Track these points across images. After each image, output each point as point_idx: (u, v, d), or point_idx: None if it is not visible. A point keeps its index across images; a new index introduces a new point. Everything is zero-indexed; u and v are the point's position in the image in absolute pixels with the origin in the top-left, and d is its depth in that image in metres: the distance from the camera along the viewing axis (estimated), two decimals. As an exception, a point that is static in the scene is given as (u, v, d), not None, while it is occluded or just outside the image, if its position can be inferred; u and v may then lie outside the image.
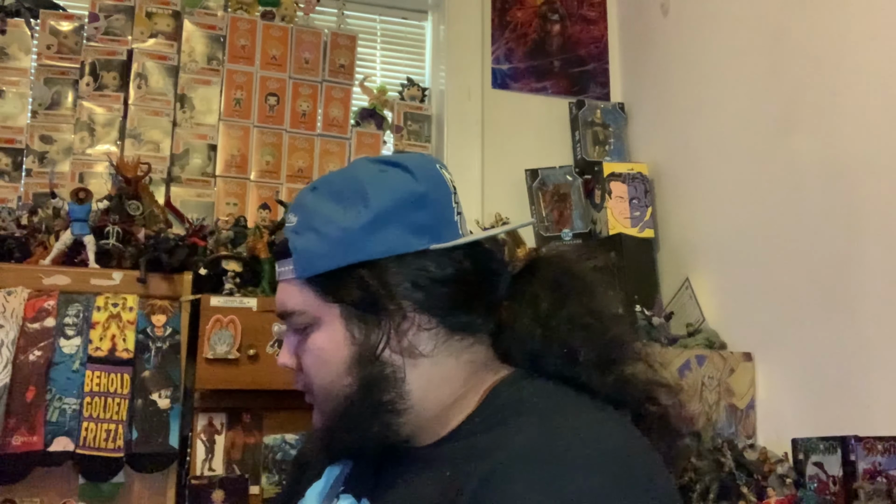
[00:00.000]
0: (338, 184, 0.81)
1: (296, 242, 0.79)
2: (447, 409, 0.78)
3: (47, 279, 1.61)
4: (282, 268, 0.82)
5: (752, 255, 1.88)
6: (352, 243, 0.76)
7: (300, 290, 0.80)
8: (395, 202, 0.77)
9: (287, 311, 0.81)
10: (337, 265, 0.77)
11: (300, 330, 0.81)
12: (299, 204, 0.82)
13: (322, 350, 0.79)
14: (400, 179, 0.79)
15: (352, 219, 0.77)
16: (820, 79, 1.71)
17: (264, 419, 1.67)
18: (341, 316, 0.78)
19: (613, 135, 2.47)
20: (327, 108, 2.36)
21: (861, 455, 1.39)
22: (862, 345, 1.55)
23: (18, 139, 2.12)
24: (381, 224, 0.76)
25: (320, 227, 0.78)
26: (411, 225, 0.77)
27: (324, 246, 0.77)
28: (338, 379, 0.78)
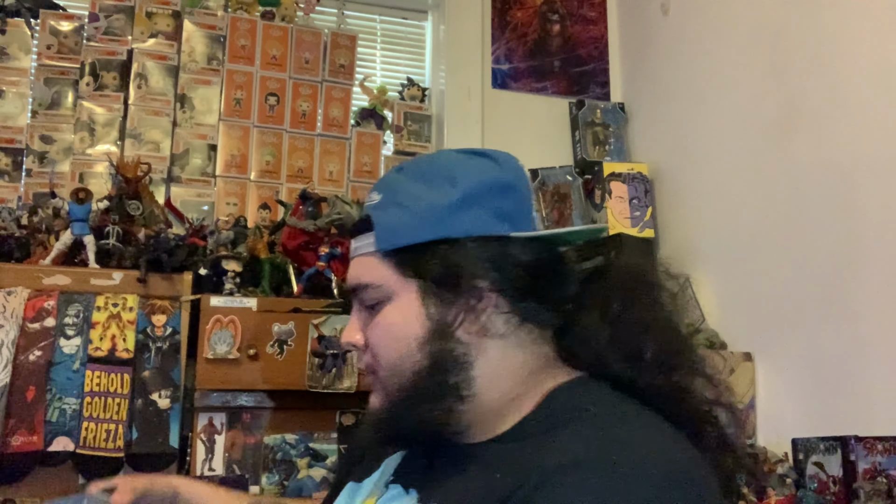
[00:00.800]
0: (425, 166, 0.83)
1: (379, 217, 0.80)
2: (506, 405, 0.78)
3: (47, 279, 1.61)
4: (359, 242, 0.81)
5: (752, 255, 1.88)
6: (437, 219, 0.77)
7: (378, 264, 0.79)
8: (482, 186, 0.78)
9: (361, 285, 0.80)
10: (420, 239, 0.77)
11: (370, 306, 0.80)
12: (384, 183, 0.83)
13: (394, 325, 0.78)
14: (487, 166, 0.81)
15: (439, 196, 0.77)
16: (820, 79, 1.71)
17: (264, 419, 1.67)
18: (418, 291, 0.77)
19: (613, 135, 2.47)
20: (327, 108, 2.36)
21: (861, 455, 1.39)
22: (862, 345, 1.55)
23: (18, 139, 2.12)
24: (467, 204, 0.77)
25: (406, 202, 0.78)
26: (495, 210, 0.78)
27: (409, 220, 0.77)
28: (408, 355, 0.76)
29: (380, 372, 0.80)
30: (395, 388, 0.77)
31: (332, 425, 1.70)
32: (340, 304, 1.71)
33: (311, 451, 1.67)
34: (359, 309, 0.82)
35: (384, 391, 0.80)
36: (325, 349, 1.66)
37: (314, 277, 1.75)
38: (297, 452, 1.66)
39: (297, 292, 1.74)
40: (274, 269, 1.79)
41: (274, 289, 1.77)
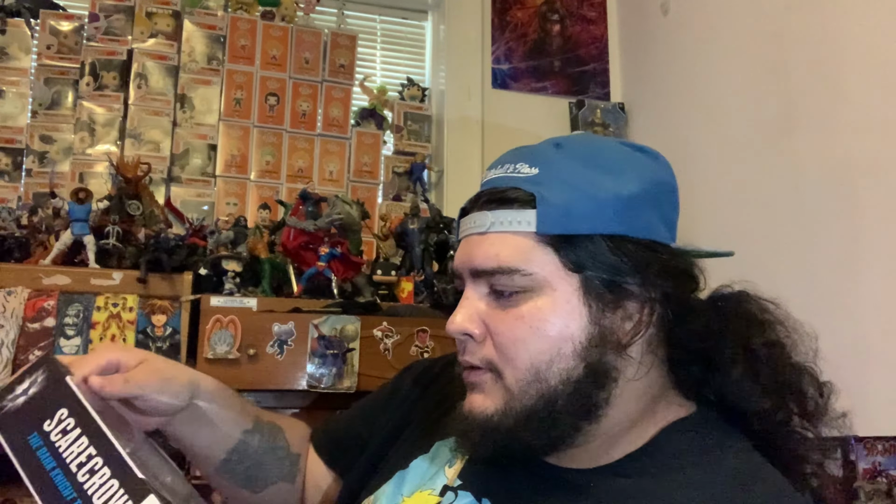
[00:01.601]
0: (588, 150, 0.72)
1: (546, 193, 0.67)
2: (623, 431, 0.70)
3: (47, 279, 1.61)
4: (506, 217, 0.68)
5: (753, 255, 1.87)
6: (616, 211, 0.66)
7: (534, 247, 0.67)
8: (656, 186, 0.70)
9: (504, 268, 0.68)
10: (600, 230, 0.66)
11: (503, 293, 0.68)
12: (540, 155, 0.71)
13: (546, 322, 0.66)
14: (654, 164, 0.73)
15: (618, 187, 0.67)
16: (820, 79, 1.71)
17: (264, 419, 1.67)
18: (581, 289, 0.67)
19: (613, 135, 2.47)
20: (327, 108, 2.36)
21: (861, 455, 1.39)
22: (862, 345, 1.55)
23: (18, 139, 2.12)
24: (644, 201, 0.68)
25: (582, 185, 0.67)
26: (663, 215, 0.70)
27: (585, 205, 0.66)
28: (559, 359, 0.66)
29: (510, 372, 0.68)
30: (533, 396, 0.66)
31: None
32: (340, 304, 1.71)
33: (311, 451, 1.67)
34: (480, 295, 0.70)
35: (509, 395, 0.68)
36: (325, 349, 1.66)
37: (314, 277, 1.75)
38: (297, 452, 1.66)
39: (297, 292, 1.74)
40: (274, 269, 1.79)
41: (274, 289, 1.77)
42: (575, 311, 0.67)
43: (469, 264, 0.71)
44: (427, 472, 0.77)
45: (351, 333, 1.68)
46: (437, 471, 0.76)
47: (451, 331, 0.71)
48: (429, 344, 1.65)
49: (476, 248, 0.70)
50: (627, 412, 0.69)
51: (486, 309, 0.70)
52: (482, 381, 0.70)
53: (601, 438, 0.69)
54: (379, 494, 0.79)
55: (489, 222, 0.69)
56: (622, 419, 0.69)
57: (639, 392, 0.70)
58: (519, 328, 0.67)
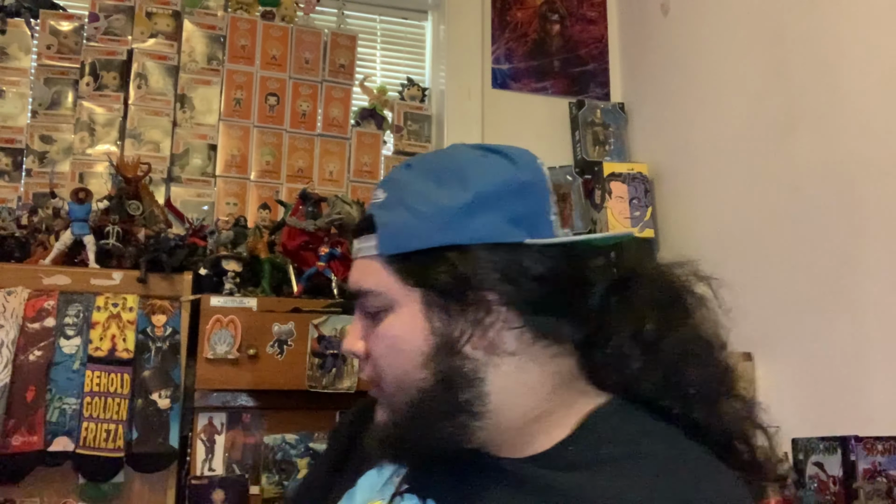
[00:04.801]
0: (435, 164, 0.77)
1: (383, 217, 0.74)
2: (530, 423, 0.73)
3: (47, 279, 1.61)
4: (362, 244, 0.75)
5: (753, 255, 1.88)
6: (447, 223, 0.71)
7: (380, 269, 0.73)
8: (496, 187, 0.72)
9: (362, 291, 0.74)
10: (428, 244, 0.71)
11: (372, 314, 0.74)
12: (391, 180, 0.77)
13: (397, 338, 0.72)
14: (501, 166, 0.74)
15: (449, 198, 0.71)
16: (820, 79, 1.71)
17: (264, 419, 1.67)
18: (422, 302, 0.71)
19: (613, 135, 2.47)
20: (327, 108, 2.36)
21: (861, 455, 1.39)
22: (862, 345, 1.55)
23: (18, 139, 2.12)
24: (479, 208, 0.71)
25: (414, 203, 0.72)
26: (509, 214, 0.72)
27: (416, 223, 0.71)
28: (412, 371, 0.71)
29: (383, 386, 0.74)
30: (402, 405, 0.72)
31: (332, 425, 1.69)
32: (340, 304, 1.71)
33: (310, 451, 1.67)
34: (361, 315, 0.77)
35: (389, 406, 0.74)
36: (325, 349, 1.66)
37: (314, 277, 1.75)
38: (297, 452, 1.66)
39: (297, 292, 1.74)
40: (274, 269, 1.79)
41: (274, 289, 1.77)
42: (419, 325, 0.71)
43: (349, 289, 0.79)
44: (376, 484, 0.79)
45: (351, 333, 1.68)
46: (386, 481, 0.78)
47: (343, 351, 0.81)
48: (429, 344, 1.65)
49: (350, 273, 0.78)
50: (527, 404, 0.73)
51: (365, 328, 0.76)
52: (376, 395, 0.77)
53: (512, 430, 0.73)
54: None
55: (356, 249, 0.77)
56: (525, 411, 0.73)
57: (532, 384, 0.73)
58: (381, 346, 0.74)
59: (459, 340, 0.71)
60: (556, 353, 0.74)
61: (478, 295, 0.71)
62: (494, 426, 0.72)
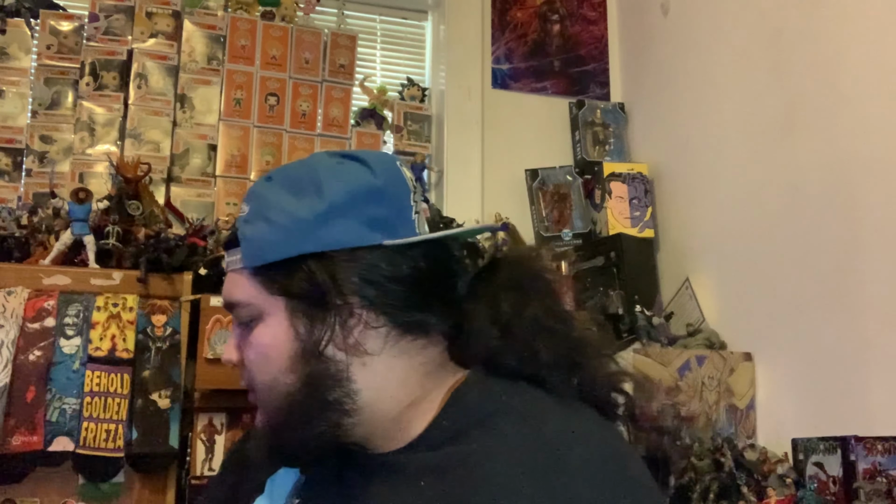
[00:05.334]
0: (294, 174, 0.78)
1: (245, 231, 0.77)
2: (404, 411, 0.76)
3: (47, 279, 1.61)
4: (230, 257, 0.78)
5: (752, 255, 1.88)
6: (303, 233, 0.73)
7: (247, 281, 0.76)
8: (351, 194, 0.74)
9: (232, 303, 0.78)
10: (285, 255, 0.74)
11: (245, 324, 0.77)
12: (253, 193, 0.79)
13: (264, 345, 0.75)
14: (357, 172, 0.76)
15: (305, 208, 0.74)
16: (820, 79, 1.71)
17: (264, 419, 1.67)
18: (286, 309, 0.74)
19: (613, 135, 2.47)
20: (327, 108, 2.36)
21: (861, 455, 1.39)
22: (862, 345, 1.55)
23: (18, 139, 2.12)
24: (334, 215, 0.74)
25: (272, 215, 0.75)
26: (366, 219, 0.74)
27: (274, 234, 0.74)
28: (280, 376, 0.74)
29: (257, 391, 0.78)
30: (274, 409, 0.75)
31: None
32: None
33: (311, 451, 1.67)
34: (236, 325, 0.79)
35: (264, 410, 0.78)
36: (324, 349, 1.66)
37: (314, 277, 1.75)
38: (297, 452, 1.66)
39: (297, 292, 1.73)
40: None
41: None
42: (283, 332, 0.74)
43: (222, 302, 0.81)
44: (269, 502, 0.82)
45: (351, 333, 1.68)
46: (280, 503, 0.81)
47: (223, 361, 0.81)
48: (429, 344, 1.65)
49: (223, 286, 0.80)
50: (399, 396, 0.75)
51: (239, 338, 0.79)
52: (253, 402, 0.79)
53: (388, 421, 0.75)
54: None
55: (226, 262, 0.80)
56: (397, 402, 0.75)
57: (399, 377, 0.75)
58: (252, 353, 0.76)
59: (321, 344, 0.73)
60: (425, 345, 0.77)
61: (338, 299, 0.73)
62: (369, 420, 0.74)
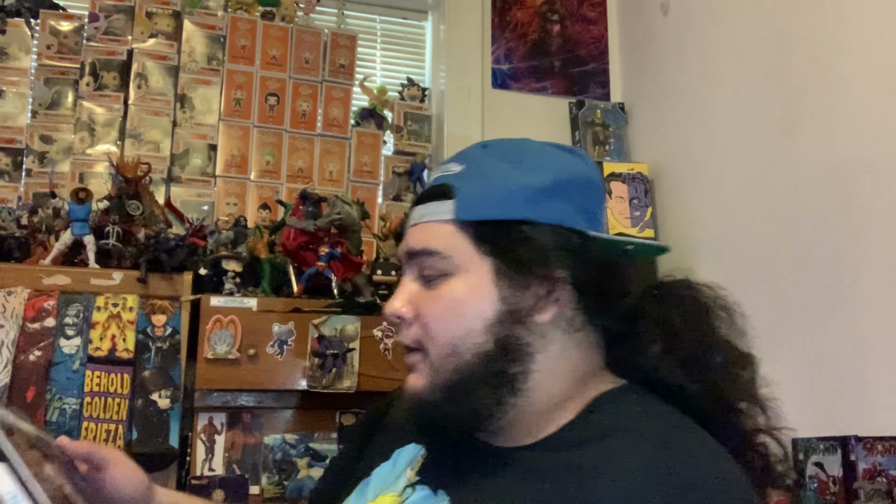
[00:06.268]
0: (512, 149, 0.79)
1: (460, 186, 0.75)
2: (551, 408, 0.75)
3: (47, 279, 1.61)
4: (432, 209, 0.77)
5: (752, 255, 1.88)
6: (525, 200, 0.74)
7: (453, 233, 0.75)
8: (571, 178, 0.76)
9: (427, 250, 0.75)
10: (507, 216, 0.73)
11: (427, 276, 0.76)
12: (466, 155, 0.79)
13: (459, 301, 0.73)
14: (575, 161, 0.79)
15: (531, 177, 0.75)
16: (820, 79, 1.71)
17: (264, 419, 1.67)
18: (492, 270, 0.73)
19: (613, 135, 2.47)
20: (327, 108, 2.36)
21: (861, 455, 1.39)
22: (862, 345, 1.55)
23: (18, 139, 2.12)
24: (557, 192, 0.74)
25: (495, 177, 0.75)
26: (579, 205, 0.76)
27: (496, 194, 0.74)
28: (470, 335, 0.72)
29: (432, 349, 0.74)
30: (451, 370, 0.73)
31: (332, 425, 1.70)
32: (340, 304, 1.71)
33: (311, 451, 1.67)
34: (412, 278, 0.78)
35: (433, 371, 0.75)
36: (325, 349, 1.66)
37: (314, 277, 1.75)
38: (297, 452, 1.66)
39: (297, 292, 1.74)
40: (274, 269, 1.79)
41: (274, 289, 1.77)
42: (486, 290, 0.73)
43: (403, 249, 0.80)
44: (389, 476, 0.81)
45: (351, 333, 1.68)
46: (399, 474, 0.80)
47: (385, 314, 0.78)
48: (429, 344, 1.65)
49: (408, 237, 0.79)
50: (555, 389, 0.75)
51: (416, 292, 0.77)
52: (414, 361, 0.77)
53: (533, 415, 0.74)
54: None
55: (420, 213, 0.78)
56: (551, 396, 0.75)
57: (565, 370, 0.75)
58: (439, 307, 0.74)
59: (524, 310, 0.73)
60: (593, 342, 0.77)
61: (546, 271, 0.73)
62: (522, 407, 0.74)
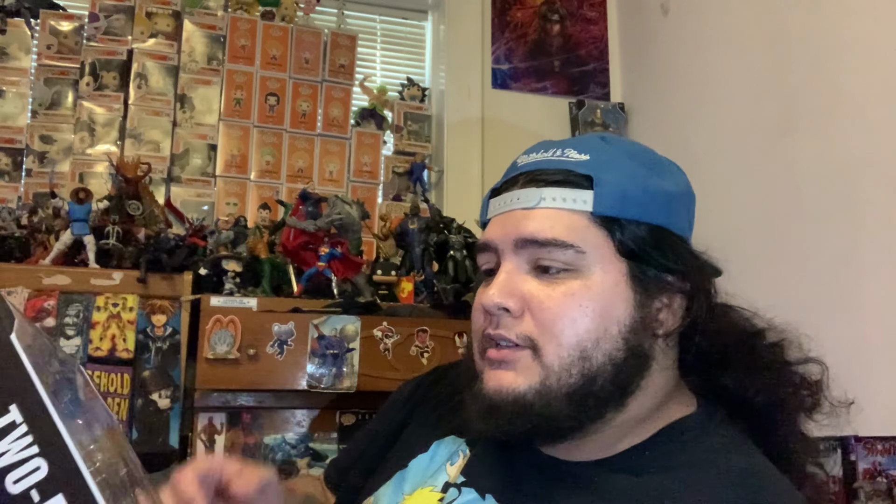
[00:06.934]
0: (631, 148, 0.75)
1: (603, 176, 0.68)
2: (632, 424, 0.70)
3: (47, 279, 1.61)
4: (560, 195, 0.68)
5: (752, 255, 1.87)
6: (667, 205, 0.70)
7: (588, 226, 0.68)
8: (686, 191, 0.75)
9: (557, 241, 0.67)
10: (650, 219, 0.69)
11: (548, 269, 0.68)
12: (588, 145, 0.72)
13: (596, 302, 0.66)
14: (682, 174, 0.77)
15: (666, 184, 0.71)
16: (820, 79, 1.71)
17: (264, 419, 1.67)
18: (629, 273, 0.68)
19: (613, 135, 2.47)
20: (327, 108, 2.36)
21: (861, 455, 1.39)
22: (862, 345, 1.55)
23: (18, 139, 2.12)
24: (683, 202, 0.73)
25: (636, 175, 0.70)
26: (690, 217, 0.75)
27: (643, 194, 0.69)
28: (605, 340, 0.66)
29: (552, 349, 0.66)
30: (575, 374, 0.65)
31: (333, 425, 1.70)
32: (340, 304, 1.71)
33: (311, 451, 1.67)
34: (521, 269, 0.69)
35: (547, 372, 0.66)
36: (325, 349, 1.66)
37: (314, 277, 1.75)
38: (297, 452, 1.66)
39: (297, 292, 1.73)
40: (274, 269, 1.79)
41: (274, 289, 1.77)
42: (622, 294, 0.67)
43: (516, 235, 0.69)
44: (427, 469, 0.77)
45: (351, 333, 1.68)
46: (438, 468, 0.76)
47: (487, 304, 0.68)
48: (429, 344, 1.65)
49: (524, 221, 0.69)
50: (647, 405, 0.70)
51: (527, 284, 0.68)
52: (516, 359, 0.67)
53: (614, 430, 0.69)
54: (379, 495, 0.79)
55: (539, 198, 0.69)
56: (640, 412, 0.70)
57: (660, 385, 0.71)
58: (567, 305, 0.66)
59: (655, 322, 0.69)
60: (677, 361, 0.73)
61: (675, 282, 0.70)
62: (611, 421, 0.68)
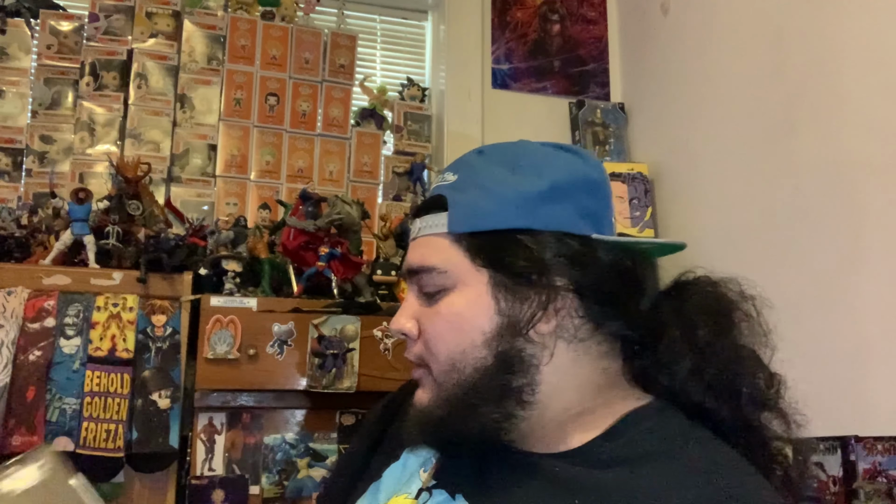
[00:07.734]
0: (508, 153, 0.76)
1: (456, 197, 0.73)
2: (570, 418, 0.72)
3: (47, 279, 1.61)
4: (428, 222, 0.75)
5: (752, 255, 1.88)
6: (521, 208, 0.71)
7: (448, 247, 0.73)
8: (571, 180, 0.73)
9: (425, 267, 0.74)
10: (502, 226, 0.71)
11: (429, 293, 0.74)
12: (462, 163, 0.77)
13: (459, 316, 0.71)
14: (575, 162, 0.76)
15: (527, 185, 0.72)
16: (820, 79, 1.71)
17: (264, 419, 1.67)
18: (489, 283, 0.71)
19: (613, 135, 2.47)
20: (327, 108, 2.36)
21: (861, 455, 1.39)
22: (862, 345, 1.55)
23: (18, 139, 2.12)
24: (554, 197, 0.72)
25: (490, 185, 0.72)
26: (580, 208, 0.73)
27: (490, 204, 0.72)
28: (471, 350, 0.70)
29: (434, 366, 0.73)
30: (452, 385, 0.71)
31: (332, 425, 1.70)
32: (340, 304, 1.71)
33: (311, 451, 1.67)
34: (415, 294, 0.76)
35: (437, 387, 0.73)
36: (325, 349, 1.66)
37: (314, 277, 1.75)
38: (297, 452, 1.66)
39: (297, 292, 1.74)
40: (274, 269, 1.79)
41: (274, 289, 1.77)
42: (483, 304, 0.71)
43: (406, 266, 0.77)
44: (401, 478, 0.79)
45: (351, 333, 1.68)
46: (411, 475, 0.78)
47: (391, 330, 0.78)
48: (429, 344, 1.65)
49: (410, 252, 0.77)
50: (570, 400, 0.73)
51: (418, 309, 0.76)
52: (420, 377, 0.76)
53: (553, 424, 0.72)
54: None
55: (418, 227, 0.76)
56: (567, 407, 0.72)
57: (581, 379, 0.73)
58: (439, 324, 0.73)
59: (525, 322, 0.70)
60: (607, 352, 0.74)
61: (547, 280, 0.70)
62: (536, 418, 0.71)
